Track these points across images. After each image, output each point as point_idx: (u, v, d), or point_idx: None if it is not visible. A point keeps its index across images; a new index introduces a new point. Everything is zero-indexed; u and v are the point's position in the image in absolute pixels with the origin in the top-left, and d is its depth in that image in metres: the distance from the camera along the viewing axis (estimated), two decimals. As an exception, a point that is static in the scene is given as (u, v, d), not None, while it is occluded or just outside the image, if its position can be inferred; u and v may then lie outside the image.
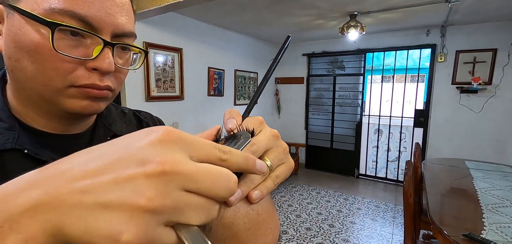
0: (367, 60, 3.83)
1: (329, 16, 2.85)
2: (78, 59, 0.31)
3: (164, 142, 0.16)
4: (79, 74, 0.32)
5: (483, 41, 3.06)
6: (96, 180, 0.15)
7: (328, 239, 2.41)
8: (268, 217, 0.24)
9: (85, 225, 0.14)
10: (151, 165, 0.15)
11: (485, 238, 1.11)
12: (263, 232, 0.23)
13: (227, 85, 3.54)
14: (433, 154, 3.45)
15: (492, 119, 3.11)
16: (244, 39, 3.78)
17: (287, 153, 0.26)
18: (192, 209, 0.16)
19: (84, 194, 0.14)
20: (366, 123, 4.04)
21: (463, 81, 3.18)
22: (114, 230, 0.14)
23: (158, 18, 2.44)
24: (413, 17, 2.88)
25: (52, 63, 0.30)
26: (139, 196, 0.14)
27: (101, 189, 0.14)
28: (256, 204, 0.23)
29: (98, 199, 0.14)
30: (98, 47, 0.32)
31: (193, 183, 0.16)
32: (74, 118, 0.37)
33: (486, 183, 1.79)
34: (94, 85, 0.33)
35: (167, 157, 0.15)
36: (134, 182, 0.15)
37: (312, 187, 3.62)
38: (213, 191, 0.16)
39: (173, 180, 0.15)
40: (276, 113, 4.70)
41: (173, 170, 0.15)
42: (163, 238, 0.15)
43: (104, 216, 0.14)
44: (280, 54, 0.28)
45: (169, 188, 0.15)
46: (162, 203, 0.15)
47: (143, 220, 0.14)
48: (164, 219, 0.15)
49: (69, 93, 0.32)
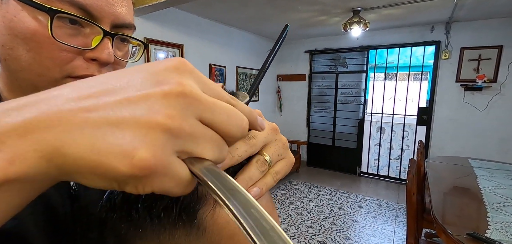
0: (370, 57, 3.79)
1: (332, 12, 2.81)
2: (77, 49, 0.30)
3: (181, 69, 0.15)
4: (77, 64, 0.30)
5: (489, 37, 3.01)
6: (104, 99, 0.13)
7: (330, 237, 2.40)
8: None
9: (92, 142, 0.12)
10: (169, 84, 0.14)
11: (490, 237, 1.09)
12: None
13: (228, 82, 3.53)
14: (436, 152, 3.42)
15: (497, 118, 3.07)
16: (246, 36, 3.75)
17: (287, 148, 0.25)
18: (207, 141, 0.15)
19: (90, 111, 0.13)
20: (368, 121, 4.01)
21: (468, 78, 3.13)
22: (128, 146, 0.13)
23: (159, 14, 2.42)
24: (417, 13, 2.84)
25: (49, 52, 0.29)
26: (156, 113, 0.13)
27: (111, 107, 0.13)
28: None
29: (108, 116, 0.13)
30: (97, 37, 0.31)
31: (210, 113, 0.15)
32: None
33: (490, 182, 1.77)
34: None
35: (185, 80, 0.14)
36: (149, 100, 0.13)
37: (313, 185, 3.61)
38: (227, 126, 0.15)
39: (192, 105, 0.14)
40: (278, 111, 4.68)
41: (192, 94, 0.14)
42: (176, 168, 0.14)
43: (115, 133, 0.13)
44: (277, 44, 0.26)
45: (187, 112, 0.14)
46: (180, 125, 0.13)
47: (160, 138, 0.13)
48: (179, 145, 0.14)
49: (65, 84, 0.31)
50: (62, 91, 0.14)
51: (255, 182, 0.21)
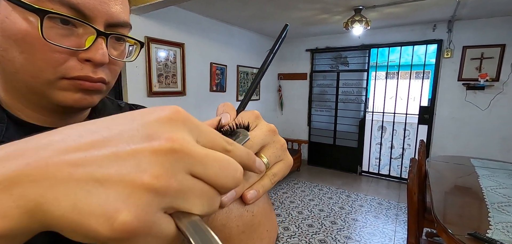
0: (372, 56, 3.77)
1: (334, 10, 2.80)
2: (70, 50, 0.29)
3: (173, 120, 0.15)
4: (71, 65, 0.30)
5: (491, 36, 2.99)
6: (92, 152, 0.13)
7: (330, 236, 2.40)
8: (264, 219, 0.22)
9: (74, 201, 0.12)
10: (159, 140, 0.13)
11: (492, 237, 1.08)
12: (258, 236, 0.21)
13: (229, 81, 3.52)
14: (438, 151, 3.40)
15: (499, 117, 3.05)
16: (247, 34, 3.74)
17: (285, 149, 0.24)
18: (197, 196, 0.14)
19: (76, 166, 0.12)
20: (369, 120, 4.00)
21: (470, 77, 3.11)
22: (110, 207, 0.12)
23: (159, 13, 2.42)
24: (419, 11, 2.82)
25: (42, 54, 0.28)
26: (142, 172, 0.13)
27: (98, 162, 0.13)
28: (251, 205, 0.21)
29: (93, 172, 0.12)
30: (90, 37, 0.30)
31: (201, 167, 0.14)
32: (66, 111, 0.35)
33: (492, 181, 1.76)
34: (87, 77, 0.31)
35: (176, 135, 0.14)
36: (137, 157, 0.13)
37: (314, 184, 3.61)
38: (220, 178, 0.15)
39: (181, 160, 0.14)
40: (279, 110, 4.68)
41: (182, 149, 0.14)
42: (161, 225, 0.13)
43: (99, 192, 0.12)
44: (277, 44, 0.26)
45: (177, 168, 0.13)
46: (167, 183, 0.13)
47: (144, 199, 0.13)
48: (166, 202, 0.13)
49: (60, 86, 0.31)
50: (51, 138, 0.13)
51: (252, 184, 0.21)
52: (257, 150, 0.22)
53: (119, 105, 0.48)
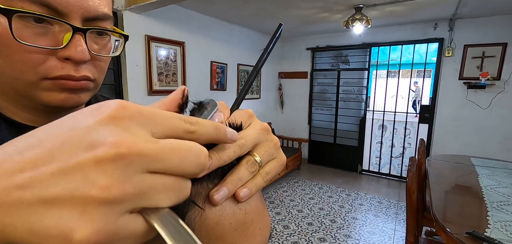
0: (373, 54, 3.76)
1: (334, 9, 2.79)
2: (47, 49, 0.28)
3: (118, 118, 0.13)
4: (51, 65, 0.29)
5: (493, 35, 2.97)
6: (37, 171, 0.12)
7: (330, 234, 2.41)
8: (257, 217, 0.22)
9: (29, 225, 0.12)
10: (102, 148, 0.12)
11: (489, 236, 1.08)
12: (251, 233, 0.21)
13: (230, 79, 3.53)
14: (439, 150, 3.40)
15: (500, 116, 3.04)
16: (247, 33, 3.74)
17: (279, 148, 0.25)
18: (160, 191, 0.14)
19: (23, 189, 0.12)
20: (370, 119, 4.00)
21: (471, 76, 3.10)
22: (64, 228, 0.12)
23: (160, 11, 2.42)
24: (421, 10, 2.81)
25: (19, 55, 0.27)
26: (90, 186, 0.12)
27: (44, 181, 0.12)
28: (244, 203, 0.21)
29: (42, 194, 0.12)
30: (67, 35, 0.28)
31: (158, 163, 0.14)
32: (55, 111, 0.34)
33: (491, 181, 1.76)
34: (69, 77, 0.30)
35: (122, 137, 0.13)
36: (82, 170, 0.12)
37: (314, 182, 3.61)
38: (182, 168, 0.14)
39: (133, 163, 0.13)
40: (279, 108, 4.68)
41: (130, 152, 0.13)
42: (129, 227, 0.13)
43: (51, 213, 0.12)
44: (271, 44, 0.26)
45: (128, 172, 0.13)
46: (121, 190, 0.12)
47: (99, 212, 0.12)
48: (126, 207, 0.13)
49: (43, 86, 0.29)
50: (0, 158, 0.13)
51: (244, 182, 0.21)
52: (250, 148, 0.22)
53: None
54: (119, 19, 2.23)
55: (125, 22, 2.23)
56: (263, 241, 0.23)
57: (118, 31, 0.35)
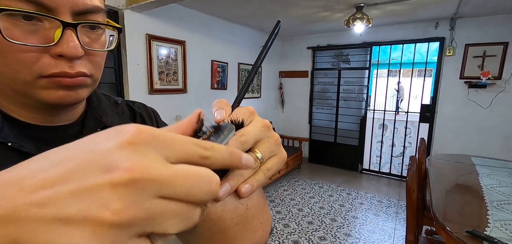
0: (373, 53, 3.76)
1: (335, 8, 2.79)
2: (40, 47, 0.28)
3: (134, 144, 0.14)
4: (45, 63, 0.28)
5: (494, 34, 2.97)
6: (56, 190, 0.13)
7: (330, 233, 2.41)
8: (258, 212, 0.23)
9: (45, 241, 0.12)
10: (117, 172, 0.13)
11: (489, 235, 1.09)
12: (252, 228, 0.22)
13: (230, 78, 3.53)
14: (439, 149, 3.40)
15: (501, 115, 3.04)
16: (248, 32, 3.74)
17: (280, 144, 0.25)
18: (169, 217, 0.14)
19: (42, 206, 0.12)
20: (370, 118, 4.00)
21: (472, 75, 3.10)
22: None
23: (161, 10, 2.42)
24: (422, 9, 2.81)
25: (12, 55, 0.27)
26: (103, 209, 0.13)
27: (61, 201, 0.13)
28: (246, 199, 0.22)
29: (58, 213, 0.12)
30: (58, 31, 0.28)
31: (169, 189, 0.14)
32: (55, 108, 0.34)
33: (492, 180, 1.76)
34: (63, 74, 0.29)
35: (136, 163, 0.13)
36: (98, 193, 0.13)
37: (315, 181, 3.62)
38: (192, 195, 0.15)
39: (145, 188, 0.13)
40: (280, 107, 4.68)
41: (143, 177, 0.13)
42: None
43: (65, 231, 0.12)
44: (270, 41, 0.26)
45: (140, 197, 0.13)
46: (131, 215, 0.13)
47: (109, 235, 0.13)
48: (135, 231, 0.13)
49: (40, 85, 0.29)
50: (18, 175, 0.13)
51: (246, 178, 0.21)
52: (252, 145, 0.22)
53: (116, 101, 0.47)
54: (119, 18, 2.24)
55: (126, 21, 2.23)
56: (264, 236, 0.24)
57: (110, 23, 0.34)
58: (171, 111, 2.77)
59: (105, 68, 1.43)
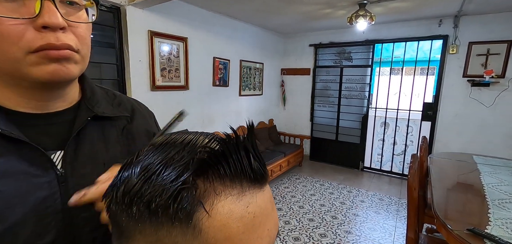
0: (376, 51, 3.74)
1: (338, 5, 2.77)
2: (22, 20, 0.29)
3: None
4: (31, 36, 0.30)
5: (498, 32, 2.94)
6: None
7: (331, 230, 2.43)
8: (265, 219, 0.22)
9: None
10: None
11: (490, 233, 1.09)
12: (258, 235, 0.21)
13: (232, 75, 3.53)
14: (441, 148, 3.39)
15: (504, 114, 3.02)
16: (250, 29, 3.73)
17: None
18: None
19: None
20: (372, 116, 3.99)
21: (475, 74, 3.08)
22: None
23: (163, 6, 2.42)
24: (425, 6, 2.78)
25: None
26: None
27: None
28: (253, 206, 0.21)
29: None
30: (37, 3, 0.29)
31: None
32: (47, 88, 0.35)
33: (493, 178, 1.76)
34: (50, 46, 0.31)
35: None
36: None
37: (316, 179, 3.62)
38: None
39: None
40: (281, 105, 4.68)
41: None
42: None
43: None
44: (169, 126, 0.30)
45: None
46: None
47: None
48: None
49: (30, 61, 0.31)
50: None
51: None
52: None
53: (114, 94, 0.48)
54: (122, 14, 2.24)
55: (128, 17, 2.23)
56: (270, 241, 0.23)
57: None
58: (173, 108, 2.77)
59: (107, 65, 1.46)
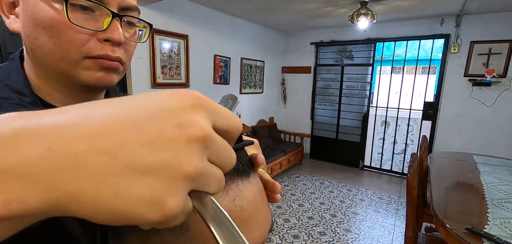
0: (377, 50, 3.73)
1: (339, 3, 2.76)
2: (91, 31, 0.33)
3: (198, 107, 0.15)
4: (92, 45, 0.34)
5: (500, 31, 2.93)
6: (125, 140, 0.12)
7: (330, 228, 2.44)
8: (254, 211, 0.22)
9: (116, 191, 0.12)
10: (191, 129, 0.14)
11: (488, 232, 1.09)
12: (247, 228, 0.22)
13: (233, 73, 3.53)
14: (442, 147, 3.39)
15: (505, 114, 3.02)
16: (251, 27, 3.72)
17: None
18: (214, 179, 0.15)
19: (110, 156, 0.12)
20: (373, 115, 3.98)
21: (476, 73, 3.07)
22: (157, 196, 0.13)
23: (164, 4, 2.42)
24: (427, 5, 2.77)
25: (67, 36, 0.32)
26: (182, 161, 0.13)
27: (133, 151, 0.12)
28: (240, 199, 0.21)
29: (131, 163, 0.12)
30: (107, 19, 0.34)
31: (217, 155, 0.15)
32: (89, 91, 0.38)
33: (493, 178, 1.76)
34: (107, 56, 0.35)
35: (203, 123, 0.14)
36: (174, 146, 0.13)
37: (315, 177, 3.63)
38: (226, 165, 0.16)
39: (208, 148, 0.14)
40: (282, 103, 4.68)
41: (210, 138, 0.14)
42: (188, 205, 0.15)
43: (141, 182, 0.12)
44: None
45: (204, 155, 0.14)
46: (199, 169, 0.14)
47: (183, 185, 0.13)
48: (194, 185, 0.14)
49: (85, 65, 0.34)
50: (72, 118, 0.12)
51: None
52: None
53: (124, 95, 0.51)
54: (123, 11, 2.24)
55: (129, 15, 2.24)
56: (261, 235, 0.23)
57: (145, 21, 0.41)
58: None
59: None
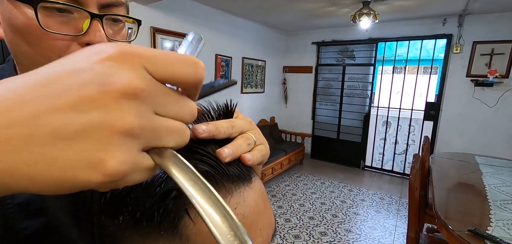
0: (379, 50, 3.72)
1: (341, 3, 2.75)
2: (69, 36, 0.30)
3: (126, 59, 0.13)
4: (74, 50, 0.31)
5: (503, 31, 2.91)
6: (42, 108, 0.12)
7: (331, 228, 2.43)
8: (256, 217, 0.22)
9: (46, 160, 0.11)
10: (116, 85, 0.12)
11: (491, 234, 1.09)
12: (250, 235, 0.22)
13: (234, 73, 3.52)
14: (443, 148, 3.38)
15: (507, 114, 3.00)
16: (253, 26, 3.72)
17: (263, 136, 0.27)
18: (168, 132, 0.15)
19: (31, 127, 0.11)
20: (374, 115, 3.97)
21: (479, 73, 3.05)
22: (94, 158, 0.12)
23: (165, 3, 2.42)
24: (430, 5, 2.76)
25: (46, 43, 0.30)
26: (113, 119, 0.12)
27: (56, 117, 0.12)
28: (241, 207, 0.21)
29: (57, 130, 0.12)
30: (86, 21, 0.30)
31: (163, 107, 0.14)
32: None
33: (495, 179, 1.75)
34: None
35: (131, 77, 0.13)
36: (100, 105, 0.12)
37: (316, 177, 3.63)
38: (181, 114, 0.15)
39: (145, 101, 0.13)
40: (283, 103, 4.67)
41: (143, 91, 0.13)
42: (143, 163, 0.14)
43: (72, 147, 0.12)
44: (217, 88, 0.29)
45: (143, 110, 0.13)
46: (141, 126, 0.13)
47: (124, 144, 0.13)
48: (142, 143, 0.14)
49: None
50: None
51: (243, 152, 0.22)
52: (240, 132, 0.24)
53: None
54: (125, 10, 2.24)
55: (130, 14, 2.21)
56: (264, 240, 0.23)
57: (131, 17, 0.37)
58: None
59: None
